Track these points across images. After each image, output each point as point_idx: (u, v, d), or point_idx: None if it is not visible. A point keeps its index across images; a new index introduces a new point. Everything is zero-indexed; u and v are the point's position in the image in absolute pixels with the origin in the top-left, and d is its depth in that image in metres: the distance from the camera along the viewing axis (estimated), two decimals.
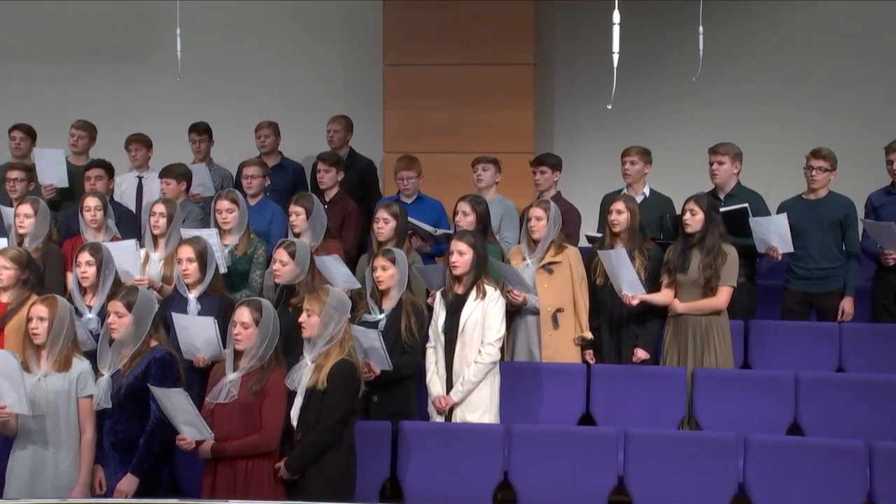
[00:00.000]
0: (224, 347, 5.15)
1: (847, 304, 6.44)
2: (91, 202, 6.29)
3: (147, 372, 4.87)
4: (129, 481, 4.83)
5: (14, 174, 6.99)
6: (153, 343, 4.97)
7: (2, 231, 6.50)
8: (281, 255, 5.60)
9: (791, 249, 6.32)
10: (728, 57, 8.24)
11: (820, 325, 6.49)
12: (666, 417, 5.86)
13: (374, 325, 5.41)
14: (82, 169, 7.22)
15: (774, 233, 6.27)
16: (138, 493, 4.81)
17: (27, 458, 4.88)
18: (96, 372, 4.97)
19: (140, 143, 7.68)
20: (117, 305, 4.94)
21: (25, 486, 4.83)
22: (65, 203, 7.06)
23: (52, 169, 7.19)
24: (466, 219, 6.16)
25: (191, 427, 4.74)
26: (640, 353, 5.99)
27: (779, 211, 6.55)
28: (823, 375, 6.05)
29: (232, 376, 4.84)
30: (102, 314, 5.32)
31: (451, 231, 6.27)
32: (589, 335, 6.02)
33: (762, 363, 6.34)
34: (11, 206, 6.67)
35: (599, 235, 6.44)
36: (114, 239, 6.21)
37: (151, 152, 7.73)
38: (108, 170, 7.11)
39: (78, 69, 8.99)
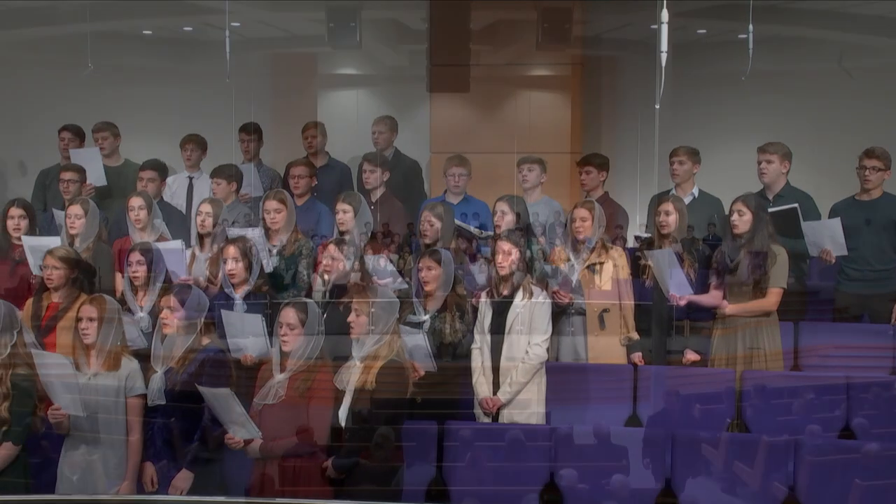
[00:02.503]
0: (271, 346, 5.19)
1: None
2: (135, 202, 6.33)
3: (200, 370, 4.92)
4: (183, 477, 4.88)
5: (68, 175, 7.05)
6: (205, 341, 5.01)
7: (50, 231, 6.58)
8: (331, 251, 5.65)
9: (845, 252, 6.23)
10: (778, 55, 8.15)
11: (872, 327, 6.38)
12: (714, 420, 5.81)
13: (418, 325, 5.41)
14: (117, 170, 7.26)
15: (828, 237, 6.19)
16: (191, 490, 4.86)
17: (78, 456, 4.96)
18: (144, 371, 5.02)
19: (195, 143, 7.73)
20: (170, 301, 5.01)
21: (77, 482, 4.92)
22: (104, 202, 7.03)
23: (89, 168, 7.27)
24: (505, 218, 6.16)
25: (239, 426, 4.77)
26: (691, 355, 5.93)
27: (831, 212, 6.47)
28: (877, 378, 5.95)
29: (279, 377, 4.86)
30: (153, 313, 5.38)
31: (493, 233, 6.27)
32: (635, 336, 5.98)
33: (812, 366, 6.26)
34: (63, 206, 6.75)
35: (647, 236, 6.39)
36: (160, 238, 6.26)
37: (205, 154, 7.79)
38: (162, 171, 7.16)
39: (127, 70, 9.07)
